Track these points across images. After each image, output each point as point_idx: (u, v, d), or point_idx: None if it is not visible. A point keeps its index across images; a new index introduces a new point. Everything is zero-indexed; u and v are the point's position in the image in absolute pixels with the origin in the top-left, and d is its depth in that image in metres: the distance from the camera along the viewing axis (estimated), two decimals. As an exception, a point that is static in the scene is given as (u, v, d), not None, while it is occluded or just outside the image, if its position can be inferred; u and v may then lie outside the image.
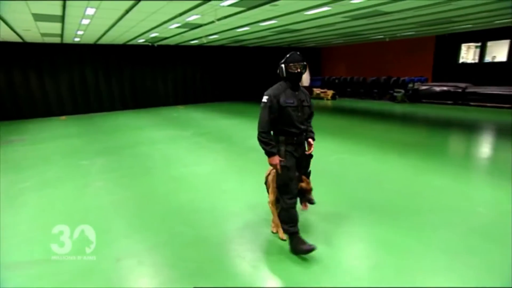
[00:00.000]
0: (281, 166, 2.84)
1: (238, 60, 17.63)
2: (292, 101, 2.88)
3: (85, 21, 8.40)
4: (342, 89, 17.46)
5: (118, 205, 4.20)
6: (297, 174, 2.95)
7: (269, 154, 2.83)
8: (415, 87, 14.18)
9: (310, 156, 3.06)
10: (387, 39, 15.32)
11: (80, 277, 2.71)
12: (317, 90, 17.35)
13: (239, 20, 9.16)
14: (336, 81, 17.96)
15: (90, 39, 12.04)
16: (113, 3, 6.55)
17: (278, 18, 9.09)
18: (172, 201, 4.28)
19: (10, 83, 12.47)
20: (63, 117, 13.06)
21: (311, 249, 2.82)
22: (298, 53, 2.90)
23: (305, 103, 2.98)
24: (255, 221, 3.50)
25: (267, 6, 7.39)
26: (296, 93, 2.94)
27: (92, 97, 14.20)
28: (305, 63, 2.90)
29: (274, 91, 2.89)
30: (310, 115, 3.09)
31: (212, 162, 6.06)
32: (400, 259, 2.84)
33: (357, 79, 17.08)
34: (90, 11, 7.17)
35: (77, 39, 11.97)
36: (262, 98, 2.89)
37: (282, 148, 2.88)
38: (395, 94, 14.66)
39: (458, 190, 4.38)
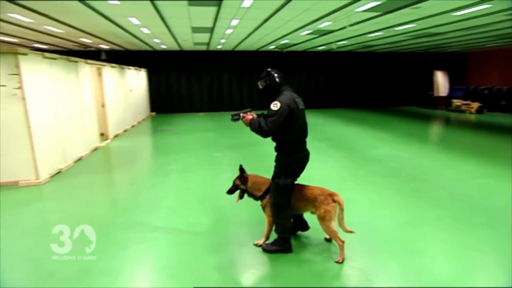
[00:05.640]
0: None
1: (363, 66, 16.88)
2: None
3: (229, 31, 9.61)
4: (493, 102, 14.58)
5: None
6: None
7: None
8: None
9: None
10: None
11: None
12: (457, 102, 14.99)
13: (372, 25, 8.80)
14: (486, 91, 15.09)
15: (229, 46, 13.68)
16: (253, 13, 7.28)
17: (418, 22, 8.30)
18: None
19: (167, 83, 15.39)
20: (201, 114, 15.25)
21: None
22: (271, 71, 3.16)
23: None
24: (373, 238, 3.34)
25: (406, 10, 6.86)
26: None
27: (226, 97, 16.10)
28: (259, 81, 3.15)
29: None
30: None
31: (331, 169, 6.05)
32: None
33: (516, 91, 13.95)
34: (234, 22, 8.18)
35: (219, 47, 13.79)
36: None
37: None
38: None
39: None
